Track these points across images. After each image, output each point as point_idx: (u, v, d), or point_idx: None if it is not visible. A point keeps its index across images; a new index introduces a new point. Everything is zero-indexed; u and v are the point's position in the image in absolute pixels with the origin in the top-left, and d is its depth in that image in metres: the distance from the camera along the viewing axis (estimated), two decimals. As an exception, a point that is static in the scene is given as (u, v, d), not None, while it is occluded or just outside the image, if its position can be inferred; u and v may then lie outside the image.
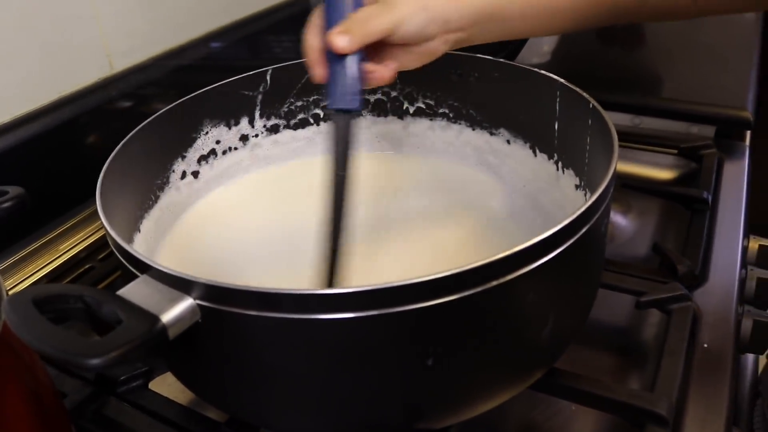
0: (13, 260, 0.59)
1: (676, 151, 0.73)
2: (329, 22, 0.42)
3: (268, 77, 0.59)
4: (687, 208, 0.63)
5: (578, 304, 0.42)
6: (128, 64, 0.67)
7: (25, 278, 0.58)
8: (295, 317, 0.32)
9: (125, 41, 0.67)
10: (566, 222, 0.34)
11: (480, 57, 0.57)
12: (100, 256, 0.61)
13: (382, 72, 0.43)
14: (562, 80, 0.51)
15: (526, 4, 0.44)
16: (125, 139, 0.47)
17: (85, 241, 0.62)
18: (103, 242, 0.62)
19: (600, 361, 0.50)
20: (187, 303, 0.33)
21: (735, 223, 0.62)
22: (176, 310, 0.33)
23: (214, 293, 0.32)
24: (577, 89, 0.49)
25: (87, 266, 0.60)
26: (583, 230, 0.36)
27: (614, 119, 0.47)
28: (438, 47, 0.44)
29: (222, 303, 0.32)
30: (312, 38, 0.43)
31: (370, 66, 0.43)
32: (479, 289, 0.32)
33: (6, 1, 0.56)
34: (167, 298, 0.33)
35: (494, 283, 0.32)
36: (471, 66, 0.58)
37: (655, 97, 0.81)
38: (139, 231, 0.50)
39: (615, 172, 0.39)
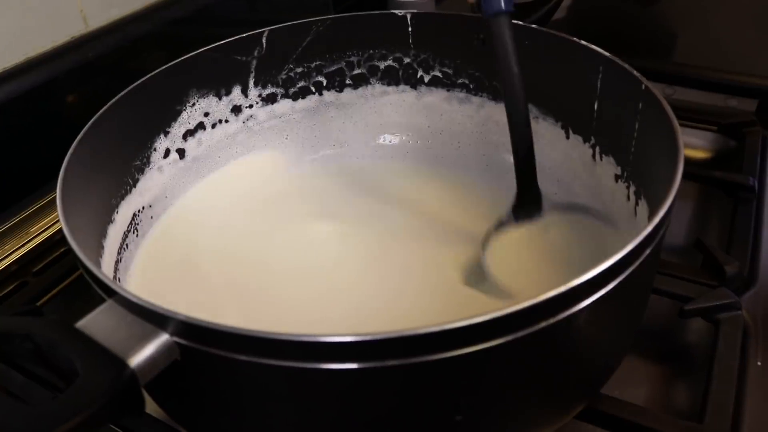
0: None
1: (715, 128, 0.66)
2: None
3: (263, 40, 0.52)
4: (729, 195, 0.57)
5: (630, 326, 0.36)
6: (105, 20, 0.59)
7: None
8: (295, 365, 0.25)
9: (101, -7, 0.58)
10: (632, 246, 0.28)
11: (508, 22, 0.49)
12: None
13: None
14: (607, 54, 0.44)
15: None
16: (94, 118, 0.40)
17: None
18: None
19: (640, 372, 0.44)
20: (161, 340, 0.27)
21: (784, 214, 0.55)
22: (148, 349, 0.27)
23: (195, 332, 0.26)
24: (627, 66, 0.42)
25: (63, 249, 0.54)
26: (647, 252, 0.30)
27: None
28: None
29: (206, 344, 0.26)
30: None
31: None
32: (527, 331, 0.26)
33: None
34: (137, 334, 0.27)
35: (543, 324, 0.26)
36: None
37: (692, 66, 0.73)
38: (113, 222, 0.43)
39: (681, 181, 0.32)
